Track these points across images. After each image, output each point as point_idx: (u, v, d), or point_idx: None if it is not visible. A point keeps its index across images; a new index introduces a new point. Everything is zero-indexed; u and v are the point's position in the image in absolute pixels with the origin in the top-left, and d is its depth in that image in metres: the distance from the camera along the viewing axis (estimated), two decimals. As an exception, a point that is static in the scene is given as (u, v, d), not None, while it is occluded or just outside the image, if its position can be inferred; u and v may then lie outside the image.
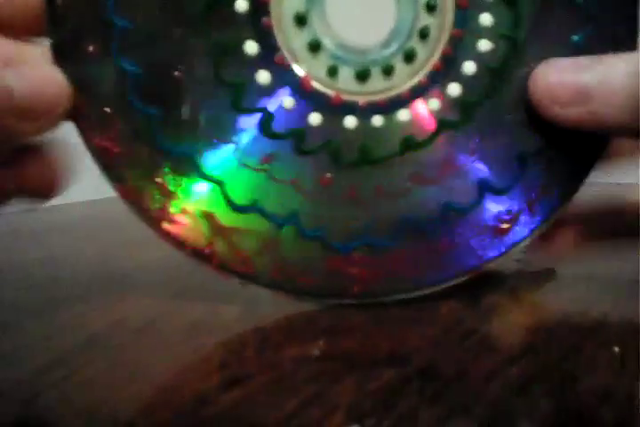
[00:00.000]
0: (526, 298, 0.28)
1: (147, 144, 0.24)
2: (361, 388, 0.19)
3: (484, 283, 0.27)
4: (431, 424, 0.18)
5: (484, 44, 0.25)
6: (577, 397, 0.19)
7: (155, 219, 0.24)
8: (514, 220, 0.26)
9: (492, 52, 0.25)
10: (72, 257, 0.35)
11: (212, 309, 0.25)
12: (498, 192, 0.26)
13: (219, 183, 0.25)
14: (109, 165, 0.24)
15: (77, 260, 0.34)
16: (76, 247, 0.37)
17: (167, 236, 0.25)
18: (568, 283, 0.29)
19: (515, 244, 0.26)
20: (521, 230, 0.26)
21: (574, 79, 0.24)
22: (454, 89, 0.25)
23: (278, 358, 0.22)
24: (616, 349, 0.22)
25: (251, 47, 0.24)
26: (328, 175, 0.25)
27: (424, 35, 0.25)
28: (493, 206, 0.26)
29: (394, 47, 0.25)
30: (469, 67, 0.25)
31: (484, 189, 0.26)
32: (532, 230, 0.26)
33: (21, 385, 0.20)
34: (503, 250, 0.26)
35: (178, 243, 0.25)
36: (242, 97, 0.24)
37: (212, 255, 0.25)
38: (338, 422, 0.18)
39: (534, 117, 0.25)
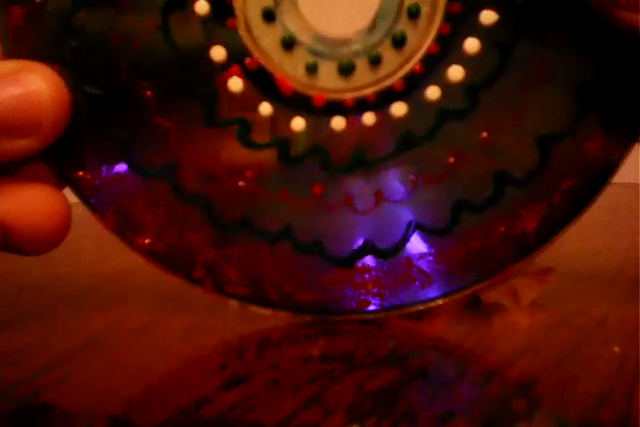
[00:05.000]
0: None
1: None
2: (361, 388, 0.19)
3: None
4: (431, 424, 0.18)
5: (488, 16, 0.22)
6: (577, 397, 0.19)
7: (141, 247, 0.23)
8: None
9: (498, 24, 0.22)
10: (72, 257, 0.35)
11: (212, 309, 0.25)
12: (519, 185, 0.23)
13: (203, 204, 0.23)
14: (89, 196, 0.23)
15: (77, 260, 0.34)
16: (76, 247, 0.37)
17: (154, 261, 0.24)
18: (568, 283, 0.29)
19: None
20: None
21: None
22: (456, 72, 0.22)
23: (278, 358, 0.22)
24: (616, 349, 0.22)
25: (217, 53, 0.22)
26: (319, 184, 0.23)
27: (414, 13, 0.22)
28: (515, 199, 0.23)
29: (380, 33, 0.22)
30: (472, 44, 0.22)
31: (504, 181, 0.23)
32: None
33: (21, 385, 0.20)
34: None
35: (166, 268, 0.24)
36: (214, 109, 0.23)
37: (204, 279, 0.24)
38: (338, 422, 0.18)
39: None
